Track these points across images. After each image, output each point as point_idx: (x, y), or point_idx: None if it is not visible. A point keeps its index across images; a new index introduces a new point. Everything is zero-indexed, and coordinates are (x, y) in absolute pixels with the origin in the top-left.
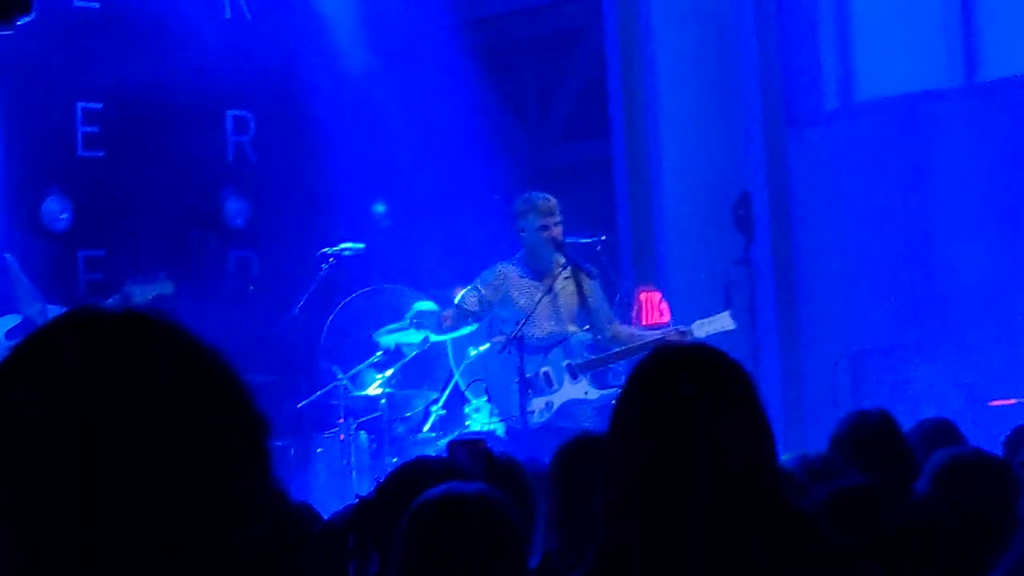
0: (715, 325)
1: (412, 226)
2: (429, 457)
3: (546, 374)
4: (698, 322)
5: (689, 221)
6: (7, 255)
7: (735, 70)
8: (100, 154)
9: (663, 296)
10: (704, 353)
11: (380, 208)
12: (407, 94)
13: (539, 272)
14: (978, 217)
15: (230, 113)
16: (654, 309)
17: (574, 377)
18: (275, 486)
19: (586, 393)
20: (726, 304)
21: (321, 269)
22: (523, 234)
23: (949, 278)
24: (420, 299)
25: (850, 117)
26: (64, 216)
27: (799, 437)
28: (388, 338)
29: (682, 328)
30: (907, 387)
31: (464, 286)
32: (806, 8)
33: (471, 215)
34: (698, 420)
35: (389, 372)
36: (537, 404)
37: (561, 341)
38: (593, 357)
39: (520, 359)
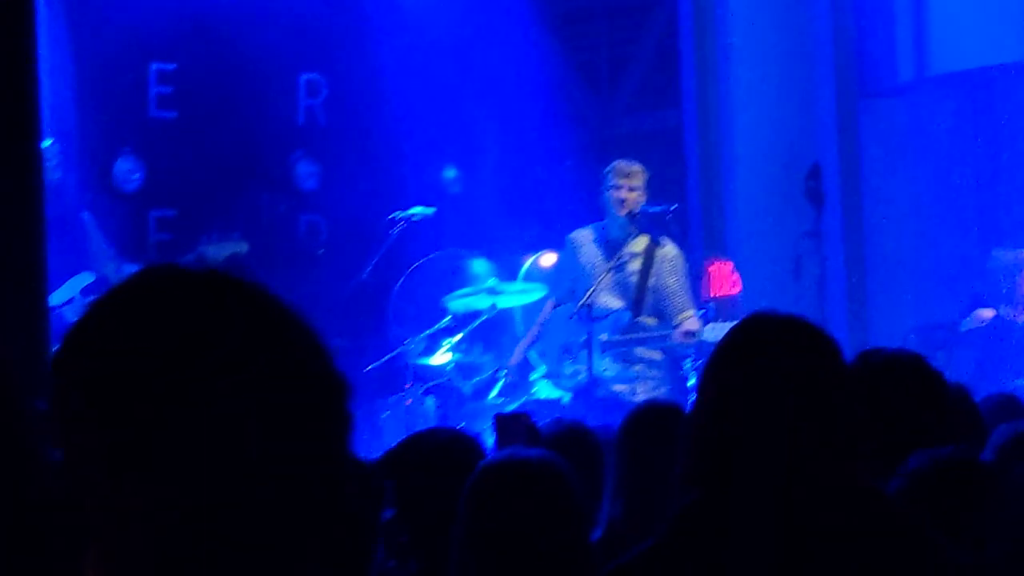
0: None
1: (482, 192)
2: (441, 428)
3: (584, 342)
4: (710, 325)
5: (759, 192)
6: (84, 213)
7: (808, 41)
8: (172, 115)
9: (734, 267)
10: (796, 325)
11: (450, 173)
12: (479, 60)
13: (612, 241)
14: None
15: (302, 76)
16: (725, 279)
17: (602, 353)
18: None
19: (605, 370)
20: (796, 275)
21: (391, 233)
22: (604, 197)
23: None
24: (483, 263)
25: (924, 90)
26: (136, 176)
27: None
28: (457, 303)
29: (693, 329)
30: (975, 362)
31: (532, 253)
32: None
33: (541, 182)
34: (784, 402)
35: (457, 337)
36: (580, 366)
37: (606, 316)
38: (617, 337)
39: (590, 328)
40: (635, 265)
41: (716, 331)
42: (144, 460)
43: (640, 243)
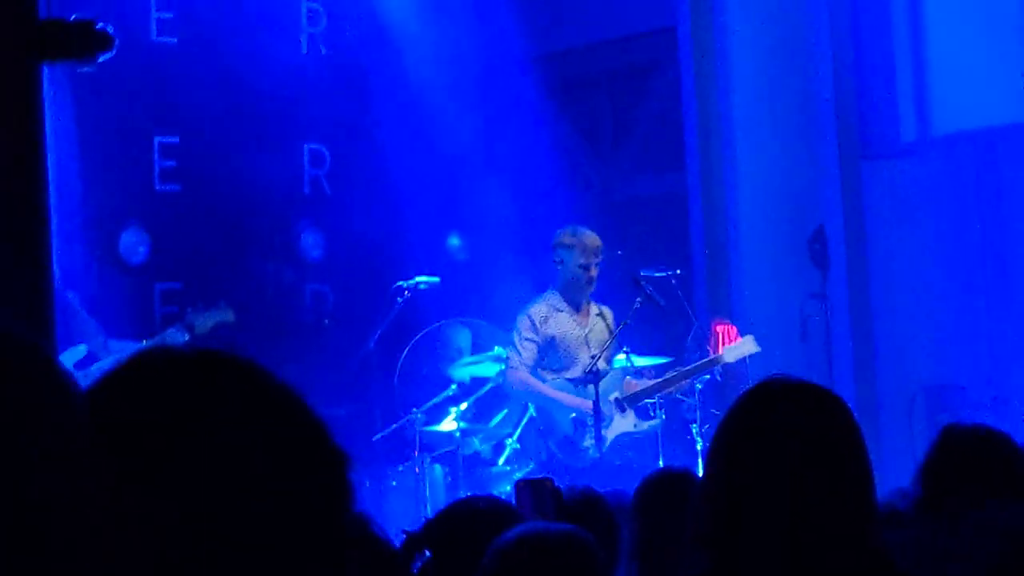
0: (743, 349)
1: (487, 259)
2: (478, 497)
3: (597, 408)
4: (726, 348)
5: (764, 255)
6: (69, 292)
7: (811, 103)
8: (177, 188)
9: (739, 330)
10: (804, 387)
11: (455, 241)
12: (482, 128)
13: (576, 305)
14: None
15: (306, 146)
16: (731, 342)
17: (622, 410)
18: (358, 517)
19: (635, 426)
20: (802, 337)
21: (396, 302)
22: (561, 266)
23: None
24: (499, 336)
25: (927, 151)
26: (141, 249)
27: (876, 473)
28: (463, 371)
29: (713, 356)
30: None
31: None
32: (882, 41)
33: (546, 248)
34: (792, 456)
35: (464, 406)
36: (587, 440)
37: (600, 375)
38: (640, 389)
39: (596, 392)
40: (600, 326)
41: (734, 352)
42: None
43: (592, 306)
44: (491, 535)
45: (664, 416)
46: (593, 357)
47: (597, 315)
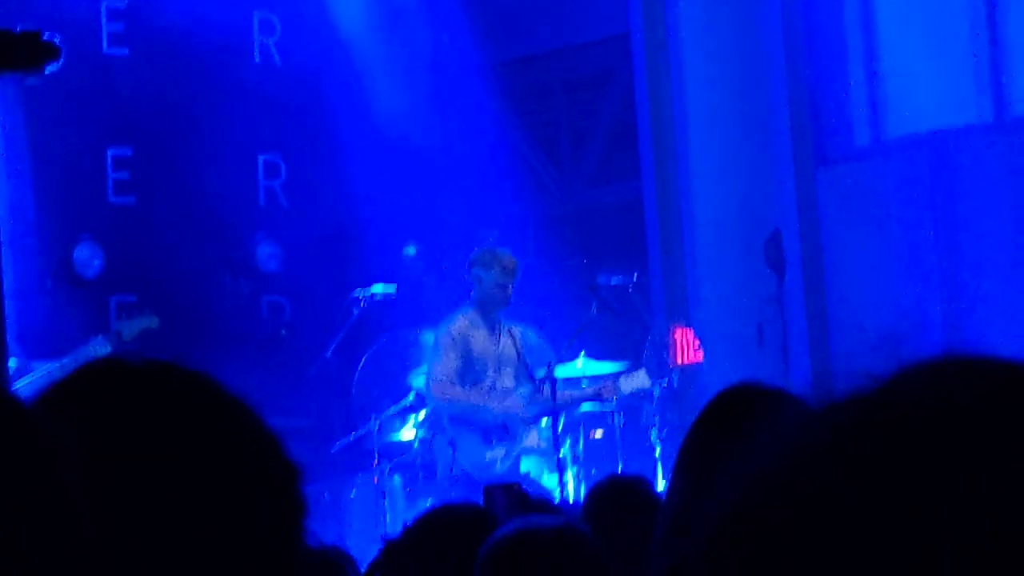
0: (636, 382)
1: (443, 268)
2: (458, 502)
3: (503, 424)
4: (623, 377)
5: (720, 260)
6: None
7: (765, 108)
8: (131, 200)
9: (696, 335)
10: (777, 396)
11: (411, 250)
12: (438, 136)
13: (490, 323)
14: (1009, 253)
15: (261, 157)
16: (689, 347)
17: (531, 426)
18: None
19: (539, 444)
20: (759, 342)
21: (352, 312)
22: (478, 284)
23: (980, 315)
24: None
25: (880, 154)
26: (95, 262)
27: None
28: (420, 380)
29: (608, 384)
30: None
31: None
32: (835, 46)
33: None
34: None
35: (422, 414)
36: (497, 453)
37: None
38: (541, 408)
39: (554, 399)
40: (510, 344)
41: (630, 382)
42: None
43: (504, 325)
44: (470, 539)
45: (623, 422)
46: (485, 370)
47: (508, 333)
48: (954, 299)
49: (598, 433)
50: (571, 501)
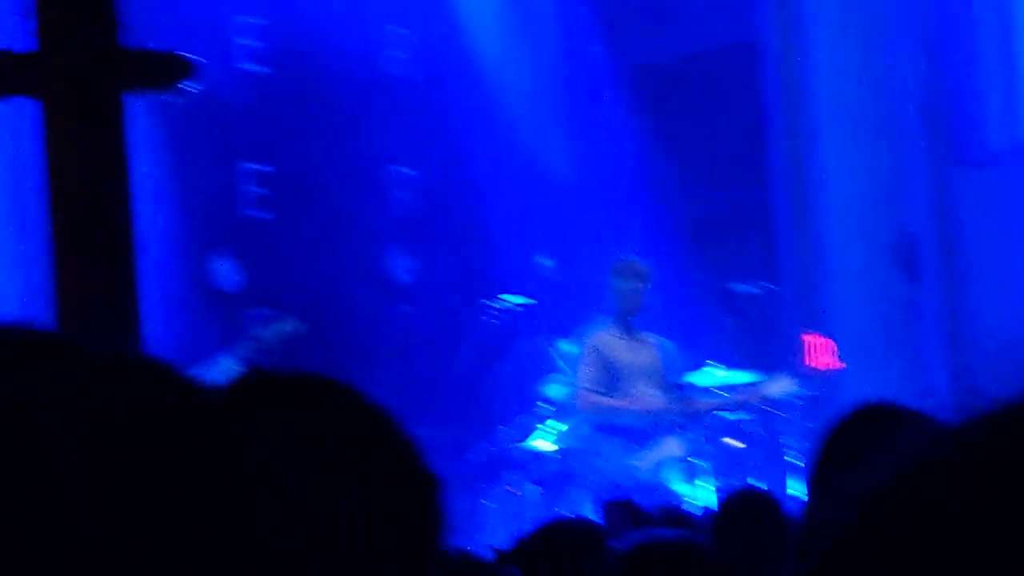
0: (781, 386)
1: (580, 279)
2: (569, 518)
3: (649, 431)
4: (767, 382)
5: (855, 266)
6: None
7: (898, 112)
8: (268, 214)
9: (831, 341)
10: (903, 417)
11: (548, 262)
12: (571, 145)
13: (628, 331)
14: None
15: (395, 169)
16: (824, 351)
17: (672, 434)
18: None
19: (680, 452)
20: (895, 349)
21: (490, 324)
22: (616, 295)
23: None
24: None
25: (1017, 156)
26: (234, 277)
27: None
28: (560, 392)
29: (753, 390)
30: None
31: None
32: (970, 48)
33: None
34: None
35: (563, 427)
36: (642, 460)
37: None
38: (684, 414)
39: (696, 407)
40: (652, 351)
41: (773, 387)
42: None
43: (641, 333)
44: (579, 553)
45: (759, 430)
46: (681, 387)
47: (646, 342)
48: None
49: (734, 442)
50: (706, 512)
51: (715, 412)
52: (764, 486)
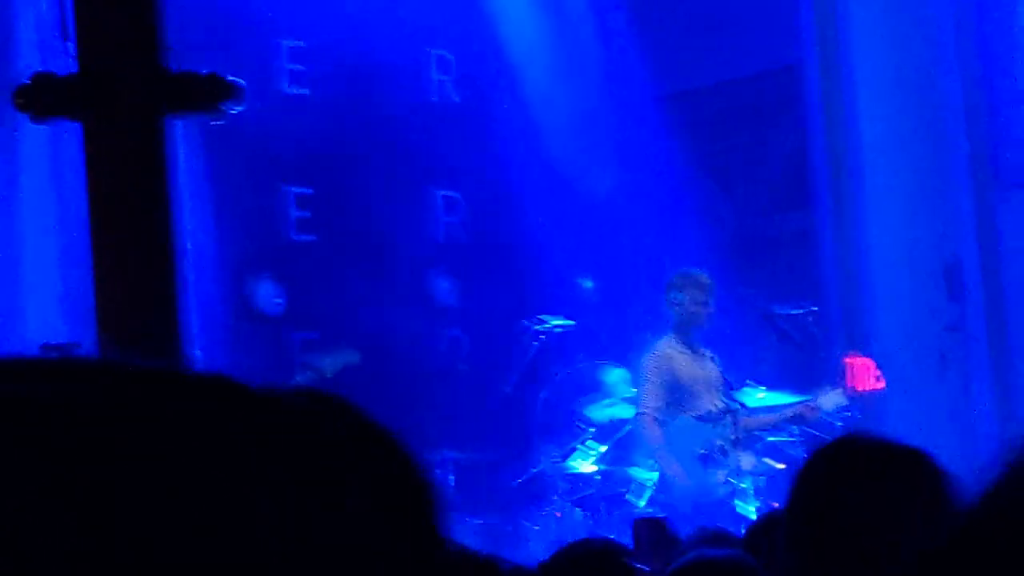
0: (836, 399)
1: (620, 300)
2: (593, 537)
3: (721, 447)
4: (822, 397)
5: (899, 288)
6: (196, 351)
7: (942, 134)
8: (312, 238)
9: (877, 365)
10: (894, 452)
11: (588, 284)
12: (613, 169)
13: (691, 346)
14: None
15: (439, 193)
16: (867, 373)
17: (740, 449)
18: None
19: (754, 466)
20: (940, 371)
21: (532, 346)
22: (678, 308)
23: None
24: (619, 371)
25: None
26: (277, 300)
27: None
28: (600, 413)
29: (809, 404)
30: None
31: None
32: (1011, 68)
33: None
34: (881, 529)
35: (603, 448)
36: (719, 476)
37: (724, 414)
38: (753, 429)
39: (735, 430)
40: (712, 365)
41: (830, 400)
42: None
43: (702, 348)
44: (598, 573)
45: (804, 454)
46: (688, 395)
47: (707, 356)
48: None
49: (775, 464)
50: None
51: (770, 428)
52: None
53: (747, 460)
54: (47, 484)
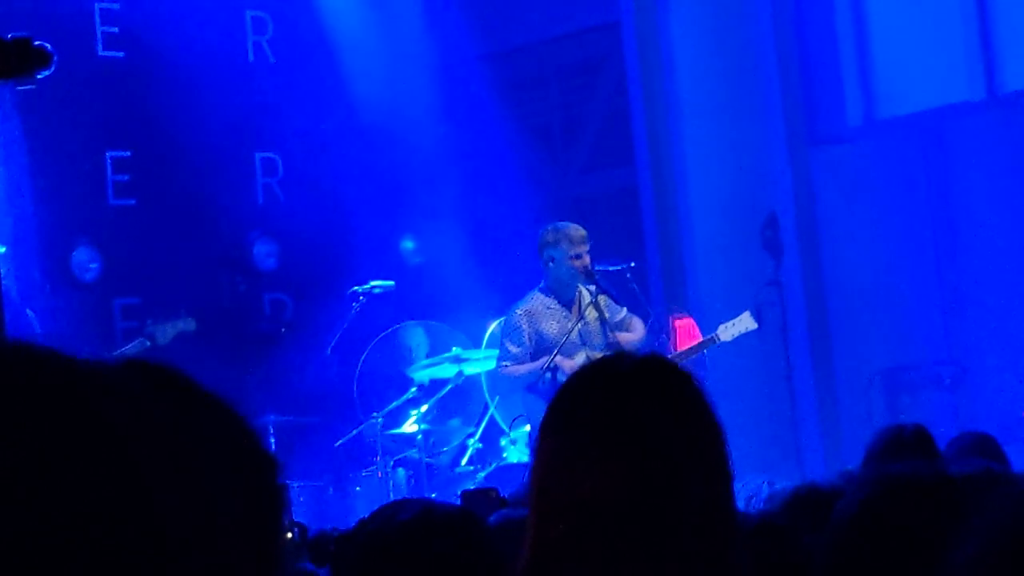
0: (739, 327)
1: (441, 261)
2: (408, 499)
3: None
4: (722, 325)
5: (717, 244)
6: (28, 311)
7: (757, 92)
8: (131, 202)
9: (696, 322)
10: (653, 365)
11: (409, 244)
12: (432, 128)
13: (567, 301)
14: (1005, 228)
15: (258, 155)
16: (688, 335)
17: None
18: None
19: None
20: (758, 325)
21: (352, 308)
22: (551, 264)
23: (978, 291)
24: (457, 337)
25: (873, 134)
26: (93, 266)
27: (835, 456)
28: (422, 373)
29: (709, 335)
30: (941, 403)
31: (496, 318)
32: (825, 28)
33: (500, 247)
34: (649, 448)
35: (424, 408)
36: None
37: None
38: None
39: (553, 390)
40: (594, 315)
41: (730, 330)
42: None
43: (585, 296)
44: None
45: None
46: (550, 353)
47: (594, 305)
48: (951, 276)
49: None
50: None
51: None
52: None
53: None
54: None
